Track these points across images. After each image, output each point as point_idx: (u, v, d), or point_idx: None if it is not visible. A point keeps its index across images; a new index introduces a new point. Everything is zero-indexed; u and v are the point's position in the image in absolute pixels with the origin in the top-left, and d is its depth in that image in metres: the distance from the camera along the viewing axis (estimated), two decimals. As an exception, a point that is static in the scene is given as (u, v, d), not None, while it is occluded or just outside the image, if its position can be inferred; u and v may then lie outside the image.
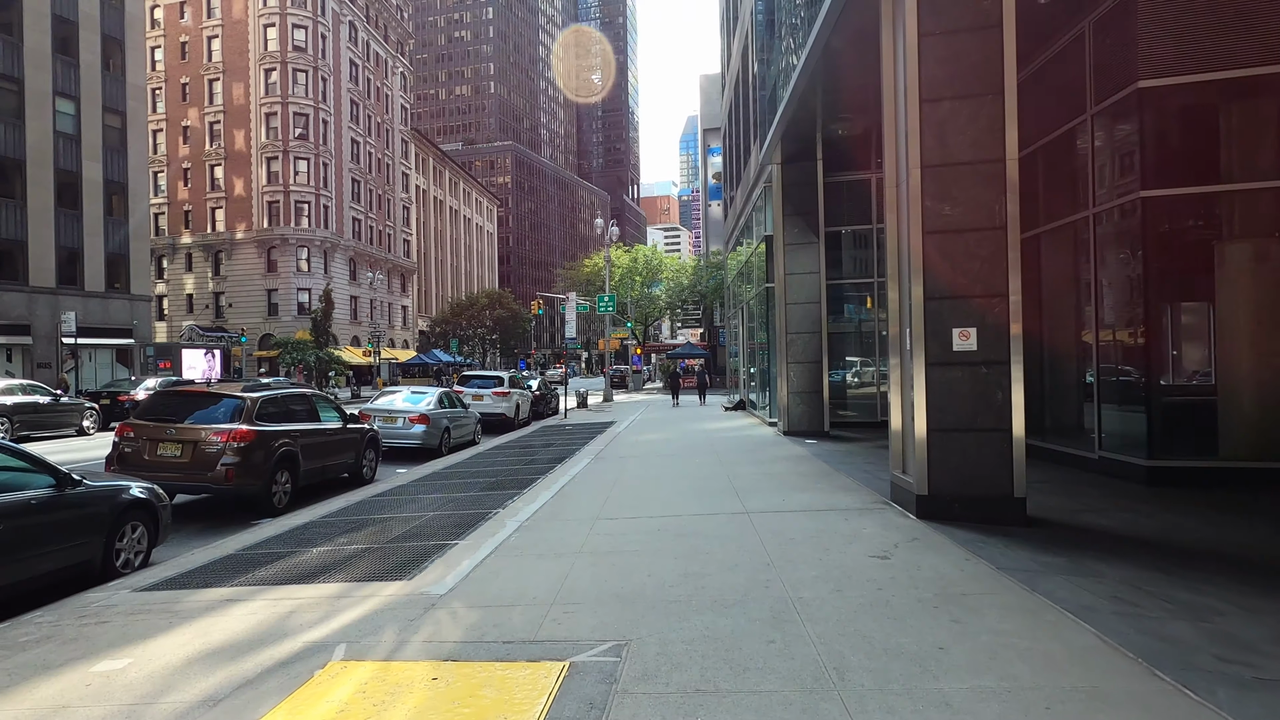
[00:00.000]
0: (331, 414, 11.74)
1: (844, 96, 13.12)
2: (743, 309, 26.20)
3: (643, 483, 10.65)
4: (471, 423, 18.19)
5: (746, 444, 15.34)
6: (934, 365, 7.51)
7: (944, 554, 6.18)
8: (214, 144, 61.41)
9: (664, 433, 18.89)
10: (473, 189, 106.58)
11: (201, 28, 61.80)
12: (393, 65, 77.06)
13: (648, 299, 63.09)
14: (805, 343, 16.48)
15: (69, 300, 36.93)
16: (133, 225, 40.88)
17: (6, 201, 34.65)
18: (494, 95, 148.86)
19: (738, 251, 28.10)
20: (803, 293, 16.54)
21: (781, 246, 16.70)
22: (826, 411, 16.44)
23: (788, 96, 13.28)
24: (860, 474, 10.65)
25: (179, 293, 62.97)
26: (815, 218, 16.59)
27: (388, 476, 13.17)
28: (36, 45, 36.12)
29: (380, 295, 71.88)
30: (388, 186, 74.70)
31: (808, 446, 14.33)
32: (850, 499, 8.75)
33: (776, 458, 12.85)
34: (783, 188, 16.70)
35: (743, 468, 11.75)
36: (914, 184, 7.60)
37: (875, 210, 17.87)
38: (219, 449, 9.16)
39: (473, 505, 9.30)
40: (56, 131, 36.98)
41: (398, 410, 15.76)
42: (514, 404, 22.09)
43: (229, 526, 9.16)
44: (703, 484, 10.31)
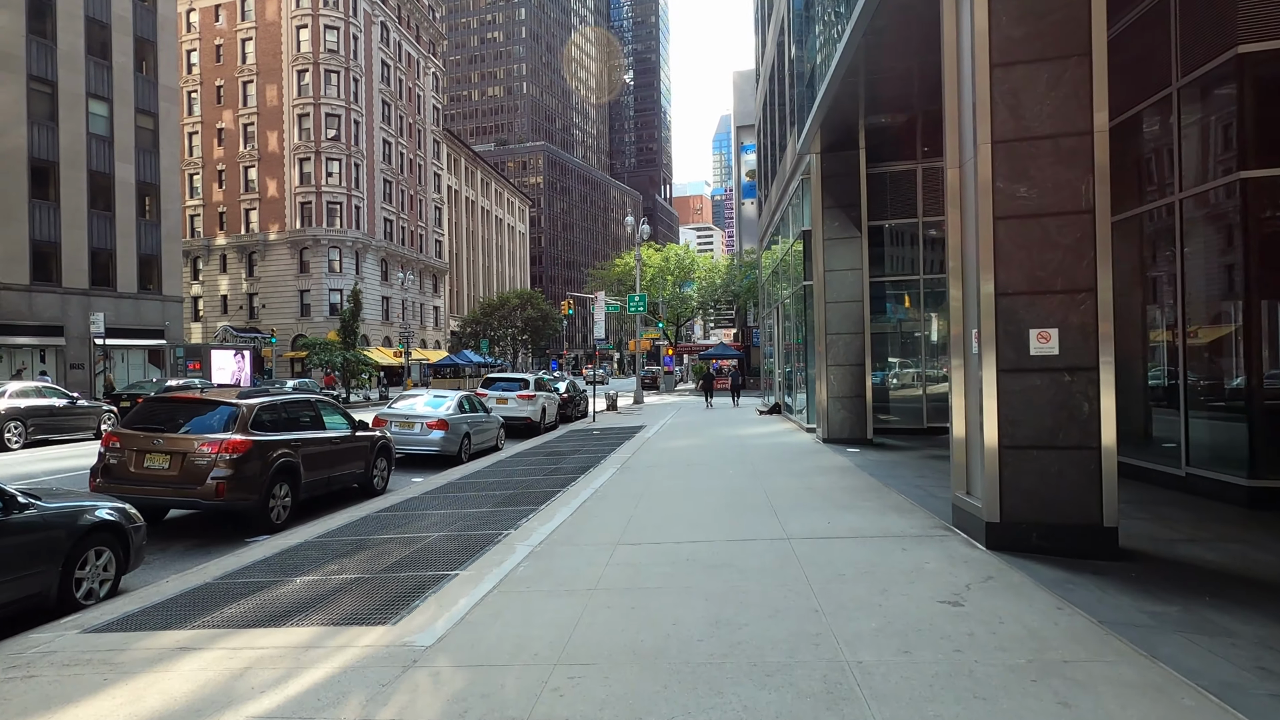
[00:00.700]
0: (338, 421, 10.99)
1: (889, 79, 12.05)
2: (778, 308, 25.14)
3: (671, 498, 9.71)
4: (494, 428, 17.40)
5: (783, 453, 14.32)
6: (1007, 372, 6.48)
7: (1028, 600, 5.16)
8: (248, 146, 61.71)
9: (695, 439, 17.93)
10: (504, 189, 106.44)
11: (236, 30, 62.14)
12: (425, 66, 77.00)
13: (679, 299, 62.09)
14: (846, 344, 15.42)
15: (101, 301, 36.99)
16: (165, 226, 40.92)
17: (40, 203, 34.78)
18: (526, 96, 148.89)
19: (772, 249, 27.03)
20: (843, 290, 15.49)
21: (820, 241, 15.65)
22: (869, 418, 15.35)
23: (828, 79, 12.25)
24: (912, 490, 9.61)
25: (214, 294, 63.40)
26: (857, 210, 15.53)
27: (401, 486, 12.41)
28: (70, 47, 36.24)
29: (412, 296, 71.79)
30: (419, 187, 74.62)
31: (850, 456, 13.28)
32: (906, 522, 7.72)
33: (817, 469, 11.82)
34: (822, 178, 15.65)
35: (780, 481, 10.75)
36: (983, 163, 6.57)
37: (920, 203, 16.76)
38: (209, 461, 8.41)
39: (484, 524, 8.44)
40: (89, 133, 37.07)
41: (415, 415, 15.01)
42: (539, 407, 21.28)
43: (220, 545, 8.42)
44: (736, 500, 9.34)
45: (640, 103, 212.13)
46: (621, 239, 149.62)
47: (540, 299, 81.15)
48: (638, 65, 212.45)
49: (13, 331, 33.56)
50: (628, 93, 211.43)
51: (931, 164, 16.57)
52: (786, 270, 22.11)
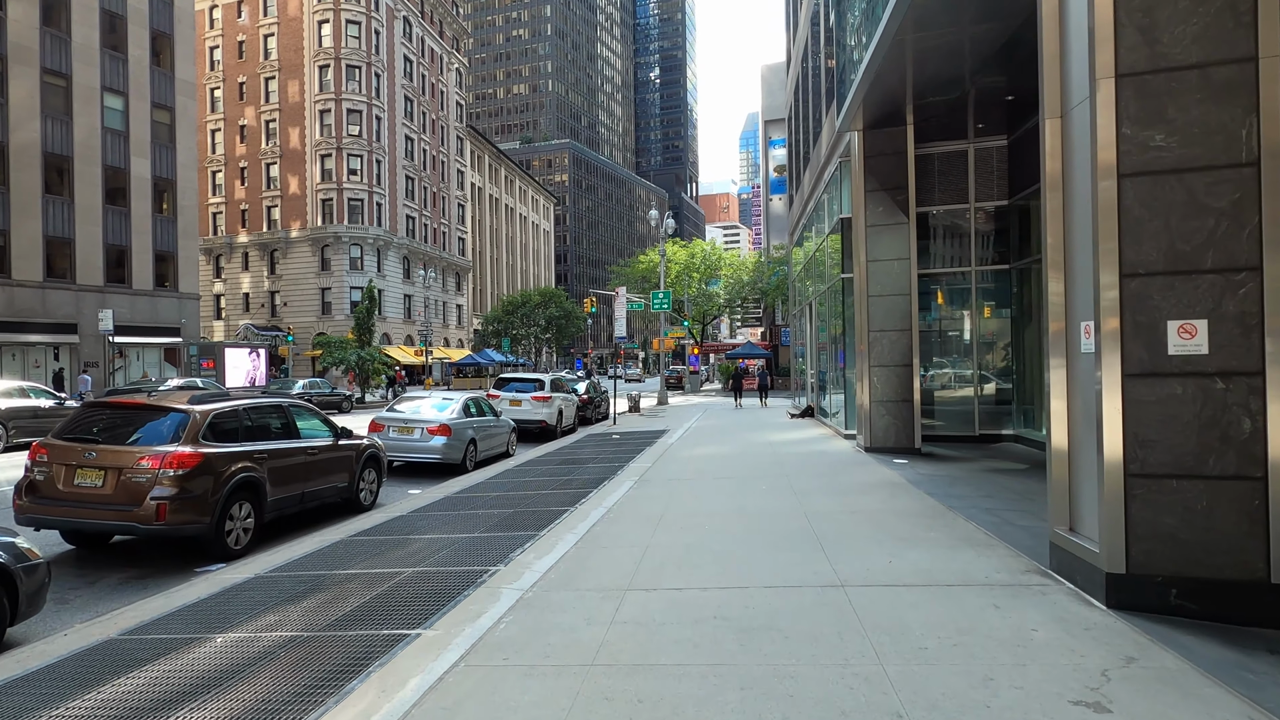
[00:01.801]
0: (316, 428, 9.67)
1: (940, 46, 10.51)
2: (810, 305, 23.55)
3: (694, 523, 8.25)
4: (503, 432, 16.05)
5: (822, 464, 12.79)
6: (1137, 376, 4.94)
7: (1204, 703, 3.63)
8: (270, 142, 61.16)
9: (722, 445, 16.44)
10: (529, 187, 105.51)
11: (258, 26, 61.62)
12: (448, 61, 76.12)
13: (705, 296, 60.50)
14: (892, 342, 13.85)
15: (116, 299, 36.32)
16: (181, 222, 40.22)
17: (54, 199, 34.16)
18: (551, 93, 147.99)
19: (804, 244, 25.43)
20: (888, 283, 13.92)
21: (862, 229, 14.10)
22: (917, 425, 13.76)
23: (874, 45, 10.70)
24: (983, 516, 8.06)
25: (236, 291, 62.95)
26: (904, 194, 13.96)
27: (394, 500, 11.09)
28: (85, 40, 35.60)
29: (435, 294, 70.94)
30: (443, 184, 73.76)
31: (898, 469, 11.73)
32: (987, 562, 6.20)
33: (863, 486, 10.29)
34: (864, 158, 14.10)
35: (823, 501, 9.24)
36: (1103, 105, 5.03)
37: (972, 187, 15.15)
38: (149, 478, 7.11)
39: (471, 555, 7.06)
40: (104, 127, 36.43)
41: (415, 420, 13.69)
42: (555, 410, 19.90)
43: (162, 577, 7.13)
44: (773, 526, 7.86)
45: (666, 100, 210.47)
46: (647, 237, 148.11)
47: (563, 297, 79.96)
48: (664, 62, 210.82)
49: (26, 329, 32.95)
50: (654, 90, 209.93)
51: (985, 143, 14.96)
52: (821, 264, 20.54)
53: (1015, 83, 12.69)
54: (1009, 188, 14.91)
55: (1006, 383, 15.74)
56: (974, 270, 15.56)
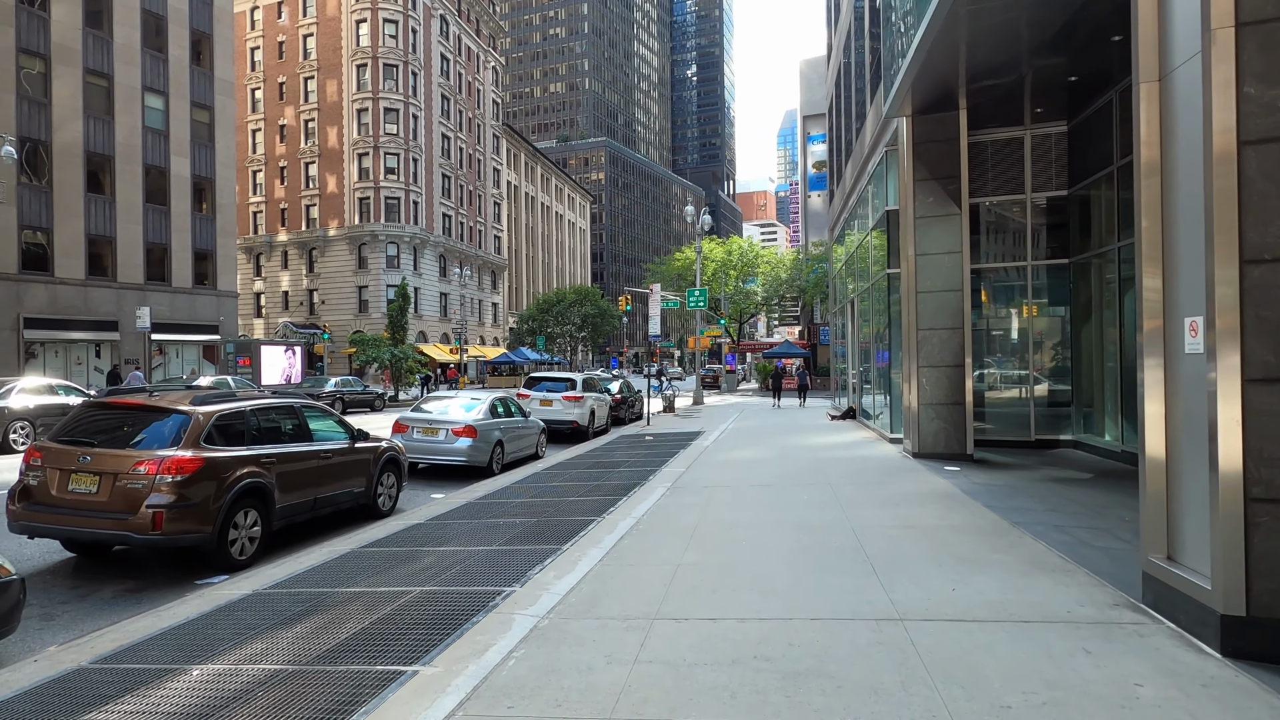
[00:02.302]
0: (331, 430, 9.18)
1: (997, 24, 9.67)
2: (851, 303, 22.65)
3: (731, 537, 7.57)
4: (532, 434, 15.50)
5: (868, 470, 12.00)
6: (1260, 382, 4.15)
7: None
8: (308, 142, 61.67)
9: (761, 449, 15.70)
10: (565, 185, 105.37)
11: (298, 26, 62.16)
12: (484, 59, 76.16)
13: (742, 294, 59.55)
14: (942, 341, 13.00)
15: (156, 296, 36.64)
16: (219, 221, 40.49)
17: (96, 198, 34.55)
18: (588, 91, 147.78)
19: (845, 239, 24.52)
20: (939, 278, 13.07)
21: (911, 221, 13.27)
22: (969, 429, 12.89)
23: (925, 24, 9.88)
24: (1051, 534, 7.25)
25: (275, 289, 63.63)
26: (956, 183, 13.09)
27: (415, 505, 10.59)
28: (126, 40, 35.96)
29: (471, 292, 71.01)
30: (479, 182, 73.81)
31: (950, 477, 10.90)
32: (1067, 592, 5.42)
33: (914, 496, 9.50)
34: (913, 145, 13.26)
35: (872, 513, 8.49)
36: (1218, 59, 4.24)
37: (1029, 176, 14.24)
38: (145, 484, 6.64)
39: (486, 572, 6.47)
40: (145, 127, 36.78)
41: (440, 421, 13.18)
42: (587, 410, 19.31)
43: (159, 590, 6.68)
44: (818, 543, 7.14)
45: (703, 97, 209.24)
46: (684, 235, 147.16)
47: (598, 295, 79.52)
48: (701, 59, 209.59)
49: (69, 326, 33.37)
50: (691, 87, 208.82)
51: (1043, 129, 14.04)
52: (864, 259, 19.66)
53: (1078, 63, 11.79)
54: (1068, 177, 13.97)
55: (1064, 385, 14.78)
56: (1029, 265, 14.64)
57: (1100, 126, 12.71)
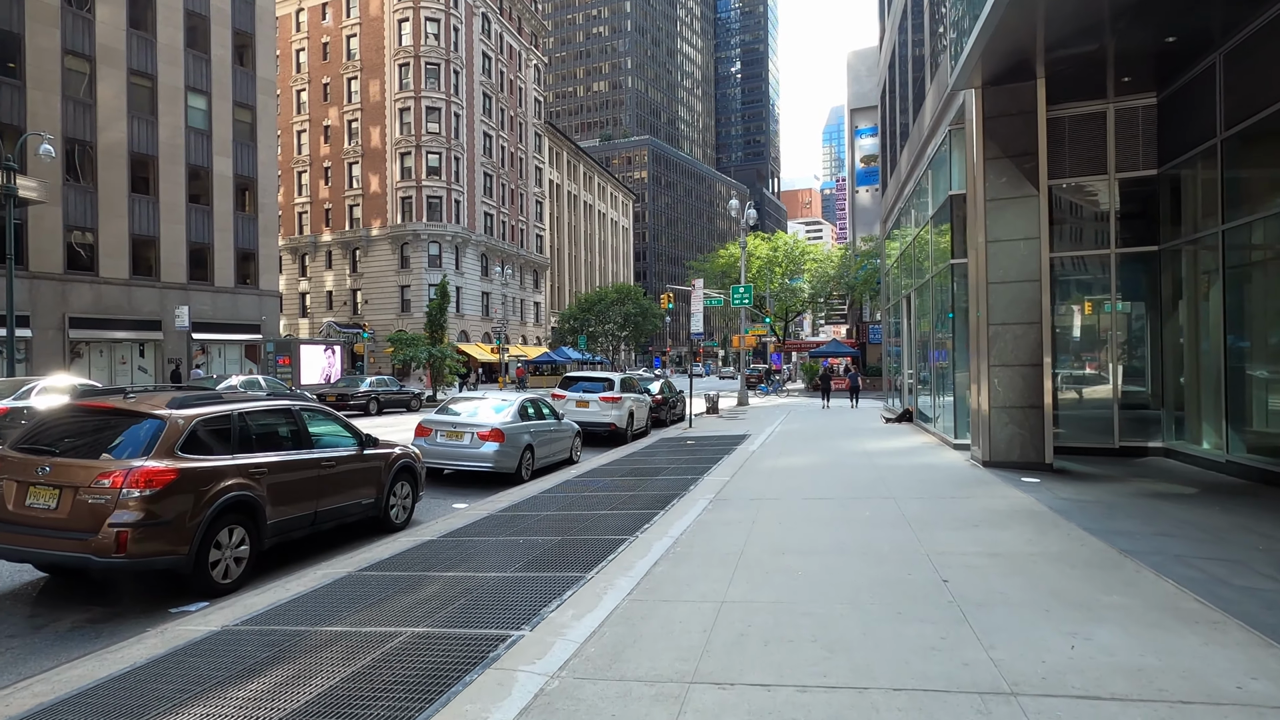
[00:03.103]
0: (336, 435, 8.29)
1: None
2: (906, 299, 21.26)
3: (784, 566, 6.45)
4: (566, 437, 14.53)
5: (934, 481, 10.74)
6: None
7: None
8: (352, 142, 61.87)
9: (811, 455, 14.49)
10: (608, 183, 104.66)
11: (341, 27, 62.41)
12: (526, 58, 75.75)
13: (789, 292, 57.99)
14: (1017, 338, 11.68)
15: (199, 296, 36.73)
16: (261, 220, 40.50)
17: (140, 198, 34.66)
18: (631, 89, 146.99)
19: (900, 232, 23.10)
20: (1013, 267, 11.75)
21: (981, 204, 11.96)
22: (1048, 436, 11.55)
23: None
24: (1173, 566, 5.99)
25: (320, 289, 64.00)
26: (1033, 161, 11.76)
27: (434, 516, 9.69)
28: (169, 41, 36.05)
29: (512, 291, 70.66)
30: (521, 181, 73.43)
31: (1031, 491, 9.61)
32: (1226, 656, 4.21)
33: (994, 515, 8.26)
34: (983, 121, 11.96)
35: (948, 536, 7.29)
36: None
37: (1112, 155, 12.81)
38: (107, 499, 5.79)
39: (494, 607, 5.48)
40: (188, 127, 36.83)
41: (465, 423, 12.28)
42: (625, 412, 18.30)
43: (123, 622, 5.85)
44: (889, 576, 5.99)
45: (747, 94, 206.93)
46: (728, 234, 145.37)
47: (639, 293, 78.55)
48: (745, 56, 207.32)
49: (113, 326, 33.51)
50: (735, 85, 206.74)
51: (1129, 102, 12.61)
52: (922, 251, 18.30)
53: (1174, 23, 10.38)
54: (1158, 155, 12.54)
55: (1151, 386, 13.31)
56: (1111, 254, 13.19)
57: (1199, 95, 11.27)
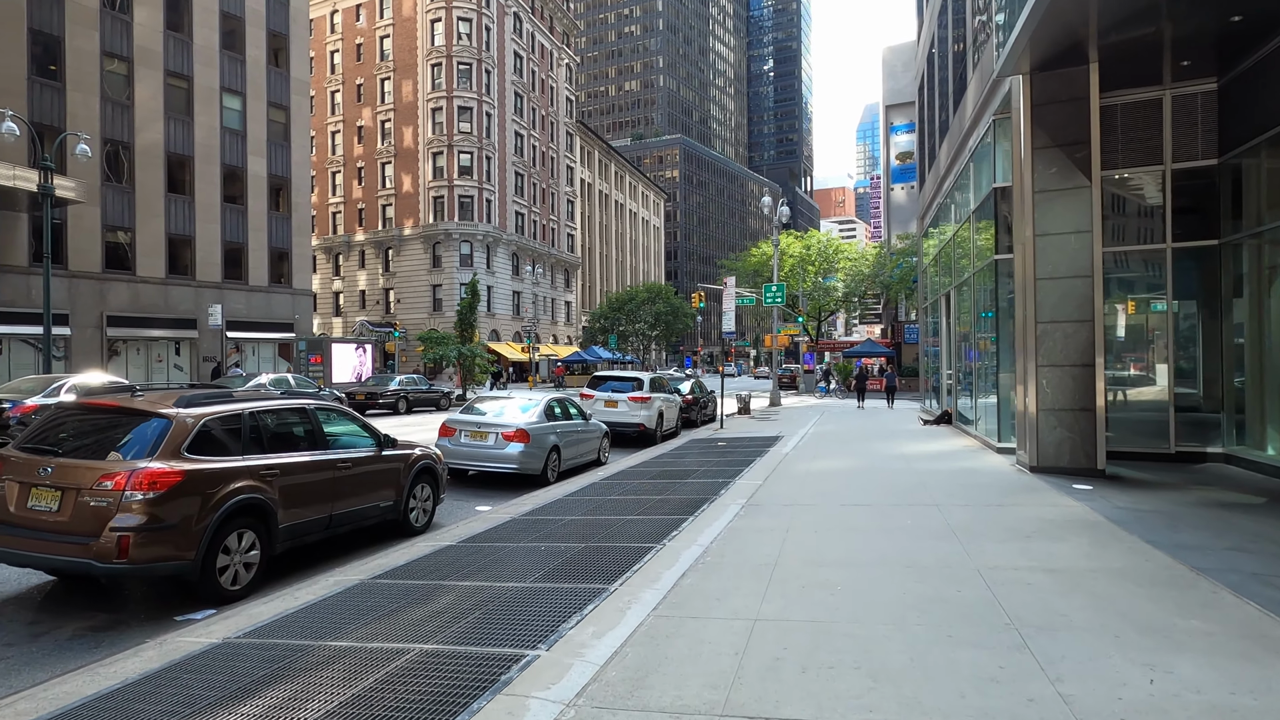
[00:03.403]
0: (353, 435, 8.01)
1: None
2: (946, 297, 20.59)
3: (822, 579, 6.00)
4: (593, 438, 14.18)
5: (979, 487, 10.18)
6: None
7: None
8: (385, 142, 62.26)
9: (847, 458, 13.97)
10: (639, 182, 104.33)
11: (375, 28, 62.84)
12: (558, 57, 75.70)
13: (822, 290, 57.15)
14: (1067, 336, 11.07)
15: (233, 295, 37.09)
16: (295, 220, 40.79)
17: (176, 198, 35.05)
18: (663, 88, 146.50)
19: (939, 227, 22.42)
20: (1063, 262, 11.15)
21: (1029, 196, 11.37)
22: (1101, 440, 10.92)
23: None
24: (1252, 585, 5.46)
25: (353, 289, 64.51)
26: (1085, 150, 11.15)
27: (455, 520, 9.38)
28: (205, 42, 36.42)
29: (544, 291, 70.64)
30: (552, 180, 73.39)
31: (1085, 498, 9.03)
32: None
33: (1047, 525, 7.72)
34: (1031, 108, 11.37)
35: (998, 548, 6.78)
36: None
37: (1169, 144, 12.11)
38: (109, 502, 5.54)
39: (509, 621, 5.12)
40: (223, 127, 37.20)
41: (489, 424, 11.97)
42: (655, 412, 17.90)
43: (126, 630, 5.60)
44: (937, 594, 5.51)
45: (780, 93, 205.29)
46: (759, 233, 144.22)
47: (670, 292, 78.04)
48: (778, 54, 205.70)
49: (149, 325, 33.92)
50: (767, 83, 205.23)
51: (1186, 88, 11.92)
52: (963, 247, 17.66)
53: (1240, 4, 9.72)
54: (1218, 143, 11.82)
55: (1211, 388, 12.59)
56: (1168, 248, 12.48)
57: (1267, 78, 10.57)
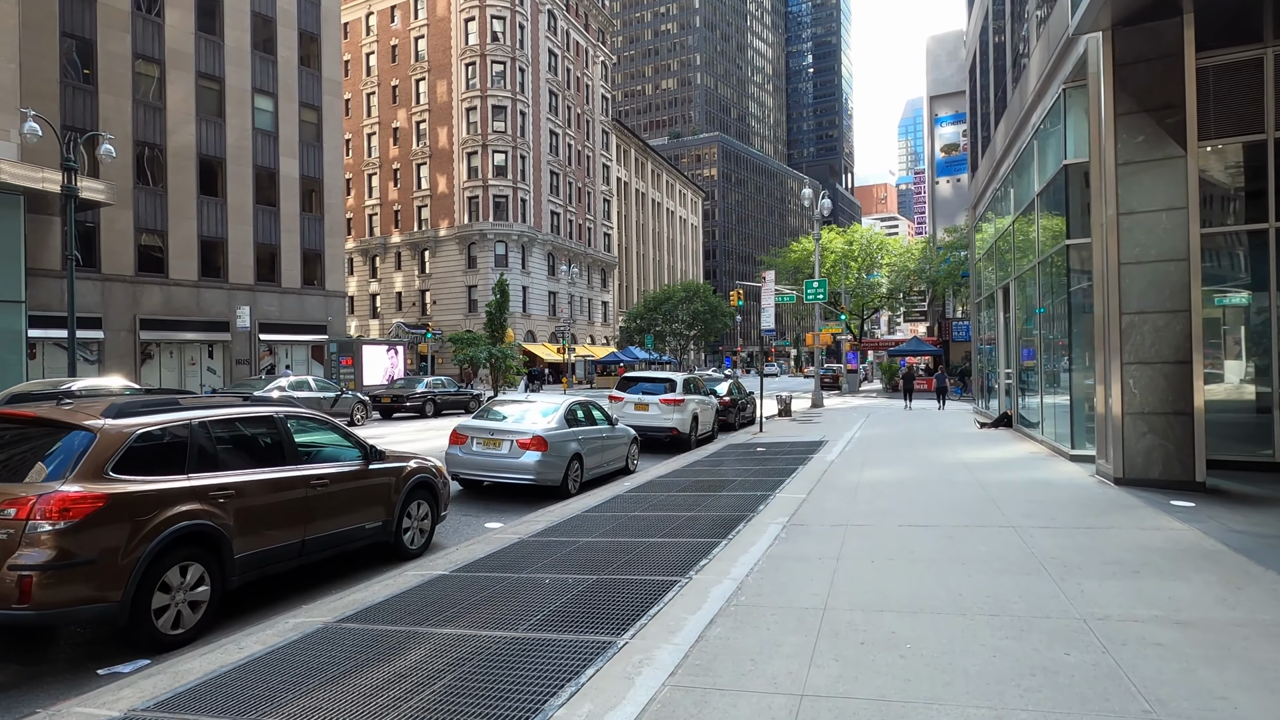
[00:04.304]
0: (335, 447, 7.00)
1: None
2: (1005, 289, 19.06)
3: (885, 633, 4.78)
4: (620, 444, 13.06)
5: (1058, 504, 8.80)
6: None
7: None
8: (420, 143, 61.99)
9: (901, 466, 12.63)
10: (676, 181, 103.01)
11: (409, 29, 62.63)
12: (593, 54, 74.84)
13: (865, 287, 55.27)
14: (1158, 329, 9.63)
15: (265, 297, 36.82)
16: (328, 221, 40.42)
17: (208, 200, 34.82)
18: (700, 86, 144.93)
19: (994, 216, 20.87)
20: (1153, 244, 9.71)
21: (1111, 169, 9.95)
22: (1200, 448, 9.45)
23: None
24: None
25: (389, 290, 64.38)
26: (1178, 115, 9.71)
27: (460, 539, 8.35)
28: (237, 43, 36.18)
29: (580, 291, 69.82)
30: (587, 179, 72.54)
31: (1191, 519, 7.64)
32: None
33: (1155, 555, 6.37)
34: (1114, 69, 9.95)
35: (1100, 588, 5.47)
36: None
37: (1271, 110, 10.55)
38: (12, 534, 4.57)
39: (483, 696, 4.01)
40: (255, 128, 36.91)
41: (504, 430, 10.90)
42: (689, 415, 16.71)
43: (35, 689, 4.60)
44: (1038, 658, 4.25)
45: (819, 88, 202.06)
46: (799, 230, 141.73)
47: (708, 291, 76.51)
48: (817, 49, 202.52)
49: (182, 328, 33.71)
50: (806, 79, 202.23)
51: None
52: (1025, 234, 16.17)
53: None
54: (1331, 108, 10.27)
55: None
56: (1272, 228, 10.92)
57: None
